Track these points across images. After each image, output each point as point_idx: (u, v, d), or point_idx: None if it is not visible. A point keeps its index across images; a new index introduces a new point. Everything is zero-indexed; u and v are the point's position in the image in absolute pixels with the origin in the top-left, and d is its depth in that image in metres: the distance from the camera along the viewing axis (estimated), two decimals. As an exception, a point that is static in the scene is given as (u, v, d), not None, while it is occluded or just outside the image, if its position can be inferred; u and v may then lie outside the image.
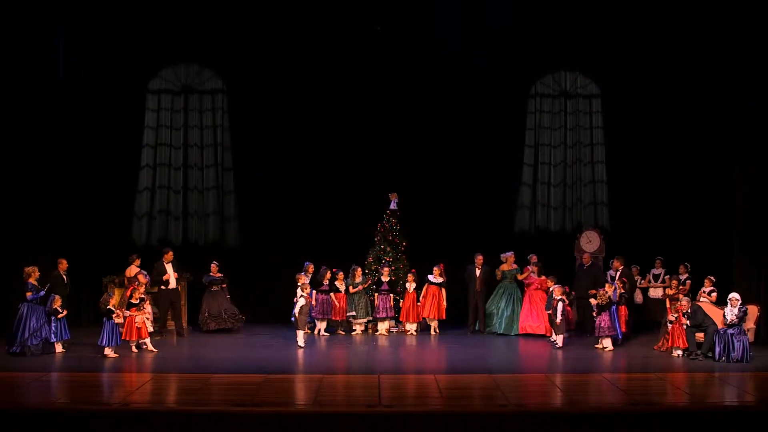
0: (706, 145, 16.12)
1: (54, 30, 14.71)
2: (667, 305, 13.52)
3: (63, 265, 13.49)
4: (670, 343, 12.83)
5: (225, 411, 9.02)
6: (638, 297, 15.07)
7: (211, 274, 14.97)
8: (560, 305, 13.42)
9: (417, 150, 16.47)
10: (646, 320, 15.29)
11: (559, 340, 13.42)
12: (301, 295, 13.42)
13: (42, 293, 12.72)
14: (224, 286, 15.12)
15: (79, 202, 15.54)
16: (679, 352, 12.64)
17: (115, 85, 16.19)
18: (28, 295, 12.63)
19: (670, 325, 12.85)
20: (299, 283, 13.59)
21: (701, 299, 13.33)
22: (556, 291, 13.55)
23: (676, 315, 12.71)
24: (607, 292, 13.24)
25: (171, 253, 14.51)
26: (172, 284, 14.35)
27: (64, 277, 13.54)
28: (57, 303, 12.64)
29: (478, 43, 16.36)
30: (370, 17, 15.23)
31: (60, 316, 12.61)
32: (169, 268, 14.35)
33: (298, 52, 16.41)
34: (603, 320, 13.19)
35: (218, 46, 16.46)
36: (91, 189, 15.83)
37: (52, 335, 12.51)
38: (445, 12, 15.08)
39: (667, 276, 14.82)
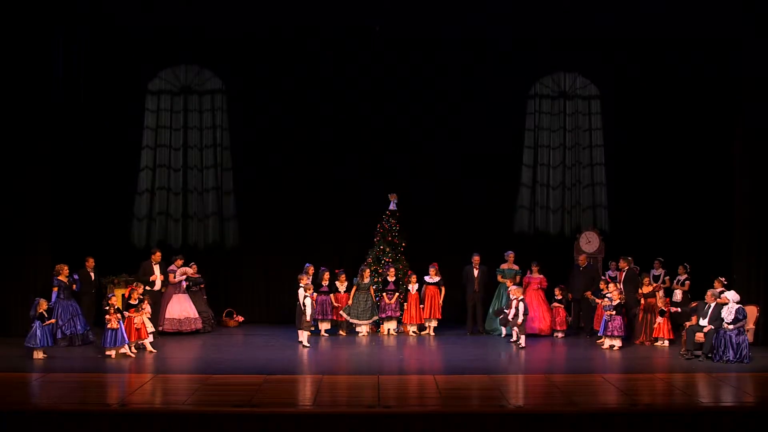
0: (706, 146, 16.12)
1: (53, 30, 14.67)
2: (641, 302, 13.92)
3: (90, 263, 13.77)
4: (656, 333, 13.54)
5: (224, 412, 9.00)
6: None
7: (191, 274, 14.92)
8: (521, 305, 13.40)
9: (416, 150, 16.44)
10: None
11: (521, 340, 13.45)
12: (306, 296, 13.41)
13: (76, 285, 13.23)
14: (202, 286, 15.10)
15: (79, 204, 15.53)
16: (665, 342, 13.36)
17: (115, 85, 16.19)
18: (54, 290, 12.88)
19: (661, 318, 13.51)
20: (301, 284, 13.58)
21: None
22: (515, 291, 13.57)
23: (662, 308, 13.49)
24: (622, 292, 13.61)
25: (159, 253, 14.45)
26: (158, 285, 14.24)
27: (92, 274, 13.77)
28: (42, 307, 12.27)
29: (477, 43, 16.35)
30: (370, 17, 15.22)
31: (47, 323, 12.23)
32: (156, 269, 14.28)
33: (298, 52, 16.40)
34: (616, 320, 13.30)
35: (218, 47, 16.44)
36: (90, 191, 15.83)
37: (38, 340, 12.07)
38: (445, 12, 15.07)
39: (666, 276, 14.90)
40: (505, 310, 13.79)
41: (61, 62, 15.11)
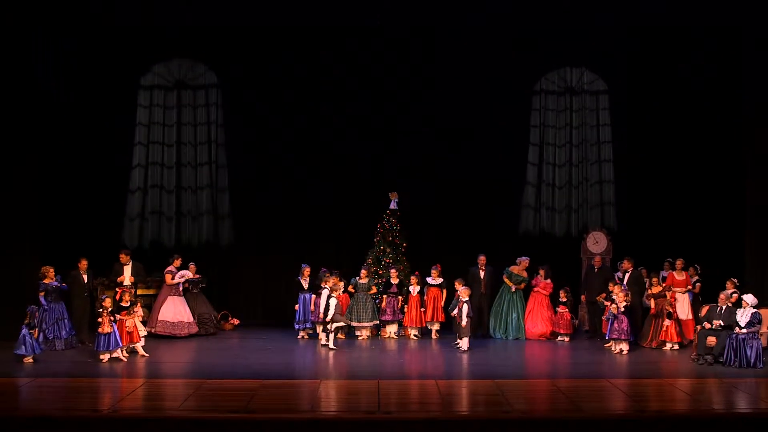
0: (717, 142, 16.11)
1: (43, 25, 14.67)
2: (651, 304, 13.95)
3: (83, 264, 13.75)
4: (662, 337, 13.62)
5: (219, 418, 9.00)
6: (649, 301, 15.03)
7: (189, 275, 14.94)
8: (465, 307, 13.42)
9: (418, 148, 16.43)
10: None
11: (463, 343, 13.43)
12: (330, 296, 13.49)
13: (64, 286, 13.21)
14: (204, 285, 15.14)
15: (69, 203, 15.49)
16: (675, 346, 13.54)
17: (106, 80, 16.18)
18: (41, 295, 12.90)
19: (669, 321, 13.55)
20: (328, 285, 13.67)
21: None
22: (463, 293, 13.57)
23: (669, 310, 13.56)
24: (628, 294, 13.56)
25: (123, 255, 14.31)
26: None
27: (84, 276, 13.76)
28: (36, 316, 12.33)
29: (481, 38, 16.32)
30: (369, 12, 15.24)
31: (33, 331, 12.17)
32: (126, 270, 14.22)
33: (296, 47, 16.39)
34: (623, 322, 13.31)
35: (212, 40, 16.44)
36: (81, 189, 15.81)
37: (23, 348, 12.05)
38: (447, 7, 15.10)
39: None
40: (452, 313, 13.76)
41: (52, 58, 15.09)
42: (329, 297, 13.55)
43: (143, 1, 15.13)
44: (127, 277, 14.19)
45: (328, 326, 13.56)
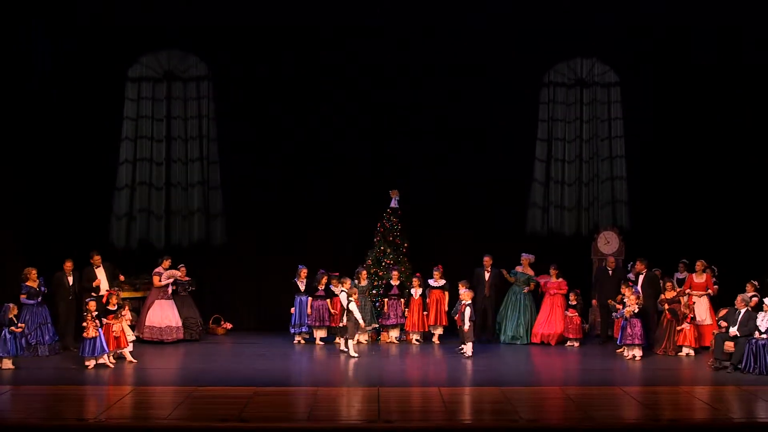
0: (736, 137, 16.07)
1: (26, 14, 14.60)
2: (665, 308, 13.84)
3: (68, 265, 13.65)
4: (680, 342, 13.58)
5: (211, 426, 8.99)
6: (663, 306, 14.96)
7: (179, 277, 14.86)
8: (468, 310, 13.33)
9: (419, 143, 16.37)
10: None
11: (467, 348, 13.36)
12: (350, 300, 13.40)
13: (39, 297, 13.00)
14: (193, 288, 15.07)
15: (53, 201, 15.46)
16: (690, 352, 13.51)
17: (91, 72, 16.10)
18: (22, 297, 12.83)
19: (687, 325, 13.51)
20: (343, 288, 13.60)
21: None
22: (465, 295, 13.50)
23: (688, 314, 13.54)
24: (639, 297, 13.54)
25: (97, 256, 14.13)
26: (103, 291, 13.83)
27: (69, 278, 13.67)
28: (12, 312, 12.23)
29: (486, 29, 16.24)
30: (369, 12, 15.25)
31: (14, 329, 12.12)
32: (99, 272, 14.06)
33: (292, 36, 16.34)
34: (636, 327, 13.26)
35: (204, 30, 16.36)
36: (66, 186, 15.75)
37: (7, 349, 12.05)
38: (448, 6, 15.18)
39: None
40: (455, 317, 13.70)
41: (34, 49, 15.05)
42: (349, 302, 13.44)
43: (142, 1, 15.10)
44: (103, 280, 14.05)
45: (358, 335, 13.40)
